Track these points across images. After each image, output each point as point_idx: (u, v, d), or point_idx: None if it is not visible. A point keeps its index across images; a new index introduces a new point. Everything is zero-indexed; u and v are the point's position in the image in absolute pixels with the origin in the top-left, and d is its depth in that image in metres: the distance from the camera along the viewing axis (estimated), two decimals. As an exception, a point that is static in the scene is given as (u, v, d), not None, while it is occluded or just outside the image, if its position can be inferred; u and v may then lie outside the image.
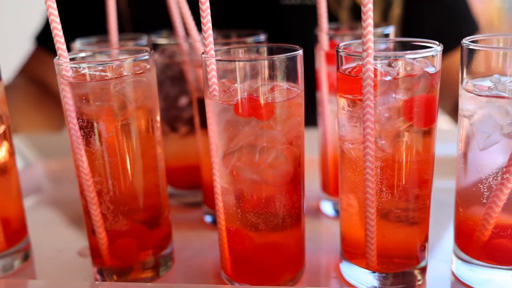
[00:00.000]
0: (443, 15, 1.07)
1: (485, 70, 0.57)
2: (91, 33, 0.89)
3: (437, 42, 0.57)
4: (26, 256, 0.71)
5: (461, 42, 0.57)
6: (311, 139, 0.80)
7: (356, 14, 1.00)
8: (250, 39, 0.71)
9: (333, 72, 0.75)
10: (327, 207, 0.81)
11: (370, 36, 0.52)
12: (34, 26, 1.26)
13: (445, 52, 0.92)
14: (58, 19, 0.56)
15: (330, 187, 0.80)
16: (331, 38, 0.73)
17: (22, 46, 1.32)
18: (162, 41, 0.79)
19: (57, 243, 0.76)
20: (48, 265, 0.71)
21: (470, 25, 1.10)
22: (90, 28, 0.99)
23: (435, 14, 1.07)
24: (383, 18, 1.02)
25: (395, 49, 0.65)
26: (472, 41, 0.57)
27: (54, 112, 1.19)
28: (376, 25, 0.85)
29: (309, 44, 0.76)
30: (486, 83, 0.57)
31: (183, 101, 0.80)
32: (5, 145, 0.66)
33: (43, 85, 1.19)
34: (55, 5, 0.55)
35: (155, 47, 0.79)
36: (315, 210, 0.82)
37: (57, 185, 0.97)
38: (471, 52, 0.56)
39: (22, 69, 1.22)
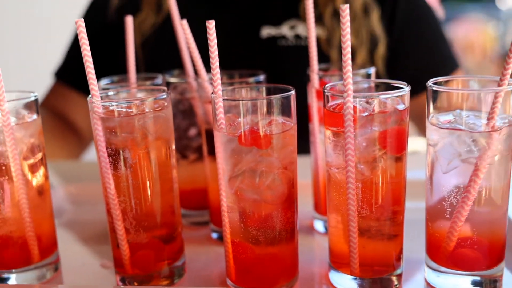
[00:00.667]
0: (425, 54, 1.19)
1: (447, 106, 0.68)
2: (109, 71, 1.00)
3: (405, 84, 0.68)
4: (56, 268, 0.81)
5: (427, 84, 0.69)
6: (305, 164, 0.92)
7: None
8: (251, 79, 0.83)
9: (322, 107, 0.86)
10: (318, 225, 0.91)
11: (350, 80, 0.64)
12: (54, 63, 1.38)
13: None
14: (92, 65, 0.67)
15: (321, 207, 0.90)
16: (321, 78, 0.85)
17: (44, 81, 1.44)
18: (174, 79, 0.91)
19: (80, 257, 0.86)
20: (74, 275, 0.81)
21: (450, 62, 1.22)
22: (109, 67, 1.11)
23: (417, 52, 1.18)
24: (370, 56, 1.14)
25: (376, 89, 0.76)
26: (435, 83, 0.68)
27: (71, 141, 1.30)
28: (361, 66, 0.97)
29: (304, 81, 0.88)
30: (449, 117, 0.68)
31: (192, 132, 0.91)
32: (41, 170, 0.77)
33: (62, 117, 1.30)
34: (90, 54, 0.67)
35: (168, 84, 0.91)
36: (308, 228, 0.92)
37: (77, 207, 1.07)
38: (435, 92, 0.68)
39: (42, 102, 1.34)
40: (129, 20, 0.87)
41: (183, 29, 0.80)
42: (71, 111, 1.30)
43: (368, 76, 0.85)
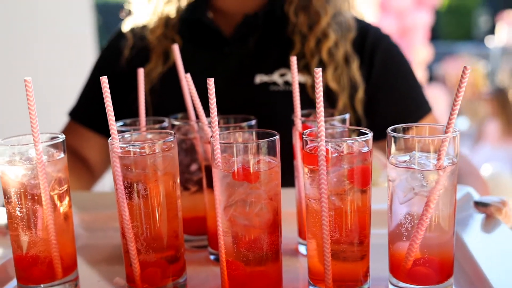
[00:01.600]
0: (400, 99, 1.34)
1: (404, 149, 0.83)
2: (121, 112, 1.15)
3: (369, 130, 0.83)
4: (76, 284, 0.95)
5: (386, 131, 0.84)
6: (291, 196, 1.06)
7: (328, 97, 1.27)
8: (244, 124, 0.98)
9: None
10: (302, 249, 1.05)
11: (323, 128, 0.79)
12: (69, 103, 1.53)
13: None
14: (113, 115, 0.82)
15: (304, 233, 1.04)
16: (303, 122, 1.00)
17: (59, 120, 1.58)
18: (178, 122, 1.06)
19: (96, 275, 1.00)
20: (91, 291, 0.95)
21: (424, 106, 1.36)
22: (120, 109, 1.25)
23: (393, 97, 1.33)
24: (350, 101, 1.29)
25: (349, 133, 0.92)
26: (393, 130, 0.83)
27: (84, 175, 1.44)
28: (343, 109, 1.13)
29: (292, 123, 1.02)
30: (405, 157, 0.83)
31: (194, 167, 1.06)
32: (66, 199, 0.92)
33: (75, 153, 1.44)
34: (112, 107, 0.82)
35: (173, 126, 1.06)
36: (293, 251, 1.06)
37: (90, 233, 1.21)
38: (394, 137, 0.83)
39: None
40: (141, 73, 1.03)
41: (187, 82, 0.95)
42: (84, 148, 1.44)
43: (344, 121, 1.01)
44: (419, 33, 6.57)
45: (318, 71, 0.78)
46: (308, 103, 1.16)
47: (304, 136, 0.84)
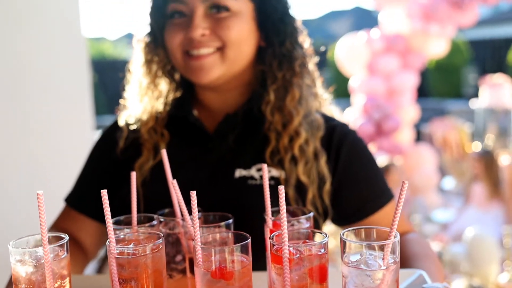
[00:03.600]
0: (364, 189, 1.49)
1: (355, 250, 0.99)
2: (115, 203, 1.30)
3: (326, 233, 0.99)
4: None
5: (340, 234, 0.99)
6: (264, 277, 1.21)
7: (299, 189, 1.43)
8: (222, 223, 1.14)
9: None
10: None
11: (286, 235, 0.95)
12: (66, 190, 1.67)
13: (366, 215, 1.37)
14: (111, 223, 0.98)
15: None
16: (274, 220, 1.16)
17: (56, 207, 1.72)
18: (165, 218, 1.22)
19: None
20: None
21: (386, 194, 1.52)
22: (114, 199, 1.39)
23: (357, 188, 1.48)
24: (319, 192, 1.45)
25: (312, 234, 1.07)
26: (344, 233, 0.99)
27: (78, 255, 1.55)
28: (312, 200, 1.29)
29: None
30: (356, 257, 0.98)
31: (178, 258, 1.21)
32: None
33: (70, 236, 1.53)
34: (110, 219, 0.98)
35: (161, 221, 1.21)
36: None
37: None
38: (345, 241, 0.98)
39: (53, 224, 1.60)
40: (133, 176, 1.19)
41: (173, 187, 1.11)
42: (79, 232, 1.57)
43: (308, 218, 1.17)
44: (406, 94, 6.84)
45: (281, 188, 0.94)
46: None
47: (270, 240, 1.00)
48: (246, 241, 0.99)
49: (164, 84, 1.57)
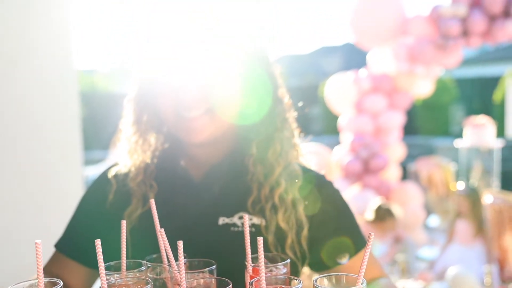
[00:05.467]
0: (338, 237, 1.58)
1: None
2: (107, 250, 1.37)
3: (300, 280, 1.08)
4: None
5: (313, 280, 1.08)
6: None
7: (279, 235, 1.52)
8: (206, 269, 1.23)
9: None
10: None
11: (263, 280, 1.04)
12: (55, 226, 1.73)
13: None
14: (104, 271, 1.07)
15: None
16: (253, 266, 1.25)
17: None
18: (152, 264, 1.30)
19: None
20: None
21: (361, 241, 1.61)
22: (106, 247, 1.47)
23: (331, 236, 1.58)
24: (297, 238, 1.52)
25: (289, 280, 1.16)
26: (317, 279, 1.08)
27: None
28: (291, 245, 1.38)
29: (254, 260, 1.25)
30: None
31: (166, 302, 1.29)
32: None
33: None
34: (104, 268, 1.06)
35: (148, 266, 1.30)
36: None
37: None
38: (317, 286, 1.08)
39: (43, 268, 1.65)
40: (123, 224, 1.28)
41: (161, 235, 1.20)
42: (68, 276, 1.61)
43: (286, 264, 1.26)
44: (393, 132, 6.99)
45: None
46: (263, 241, 1.41)
47: (249, 286, 1.08)
48: (227, 287, 1.07)
49: (152, 138, 1.65)
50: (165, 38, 1.54)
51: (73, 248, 1.65)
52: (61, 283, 1.14)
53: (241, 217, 1.53)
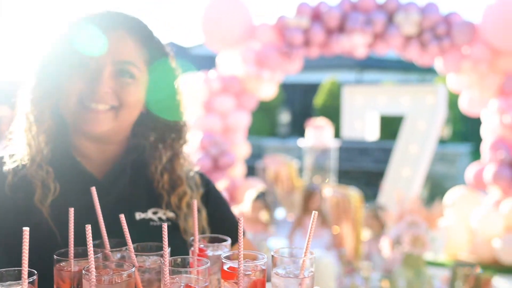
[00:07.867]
0: (227, 218, 1.76)
1: (281, 264, 1.29)
2: None
3: (264, 254, 1.29)
4: None
5: (271, 252, 1.29)
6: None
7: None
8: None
9: None
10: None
11: (241, 254, 1.22)
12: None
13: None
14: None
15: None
16: (201, 247, 1.41)
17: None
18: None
19: None
20: None
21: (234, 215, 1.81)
22: None
23: (224, 217, 1.75)
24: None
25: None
26: (276, 251, 1.30)
27: None
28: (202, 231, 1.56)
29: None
30: (282, 270, 1.29)
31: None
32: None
33: None
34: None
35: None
36: None
37: None
38: (274, 256, 1.29)
39: None
40: (71, 212, 1.36)
41: (122, 224, 1.31)
42: None
43: (227, 244, 1.45)
44: (240, 132, 7.39)
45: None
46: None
47: (224, 259, 1.25)
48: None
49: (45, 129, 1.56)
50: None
51: None
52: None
53: (154, 212, 1.62)
